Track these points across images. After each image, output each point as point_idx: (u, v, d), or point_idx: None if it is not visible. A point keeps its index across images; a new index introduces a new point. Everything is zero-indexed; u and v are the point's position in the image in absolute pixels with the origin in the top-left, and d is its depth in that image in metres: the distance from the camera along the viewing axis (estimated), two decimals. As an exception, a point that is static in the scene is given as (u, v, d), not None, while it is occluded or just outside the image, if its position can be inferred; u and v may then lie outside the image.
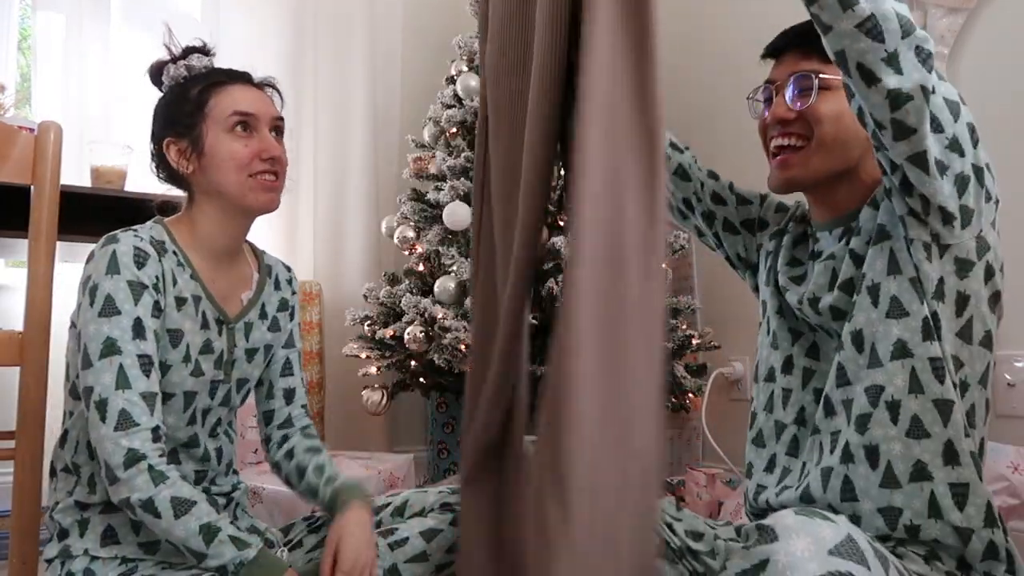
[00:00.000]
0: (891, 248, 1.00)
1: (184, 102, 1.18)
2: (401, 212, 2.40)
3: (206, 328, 1.18)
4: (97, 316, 1.07)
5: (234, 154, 1.15)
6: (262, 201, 1.18)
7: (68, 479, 1.14)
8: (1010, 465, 1.41)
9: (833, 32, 0.89)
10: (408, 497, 1.29)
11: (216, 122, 1.16)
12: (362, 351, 2.33)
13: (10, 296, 2.33)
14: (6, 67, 2.35)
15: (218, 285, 1.21)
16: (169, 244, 1.16)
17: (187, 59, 1.22)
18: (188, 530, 1.03)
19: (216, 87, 1.18)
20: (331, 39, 2.83)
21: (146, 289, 1.09)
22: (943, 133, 0.93)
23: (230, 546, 1.04)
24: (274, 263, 1.34)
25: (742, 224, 1.29)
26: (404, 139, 2.63)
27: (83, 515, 1.12)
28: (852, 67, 0.90)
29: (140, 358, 1.07)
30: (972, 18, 1.81)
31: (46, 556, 1.13)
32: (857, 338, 1.02)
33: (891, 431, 0.97)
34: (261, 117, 1.18)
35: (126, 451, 1.03)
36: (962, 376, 0.99)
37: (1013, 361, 1.69)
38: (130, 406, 1.05)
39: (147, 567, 1.11)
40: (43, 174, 1.27)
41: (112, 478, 1.03)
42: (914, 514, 0.95)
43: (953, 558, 0.95)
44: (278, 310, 1.31)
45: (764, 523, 0.79)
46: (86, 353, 1.06)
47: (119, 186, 2.05)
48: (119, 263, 1.08)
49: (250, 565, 1.04)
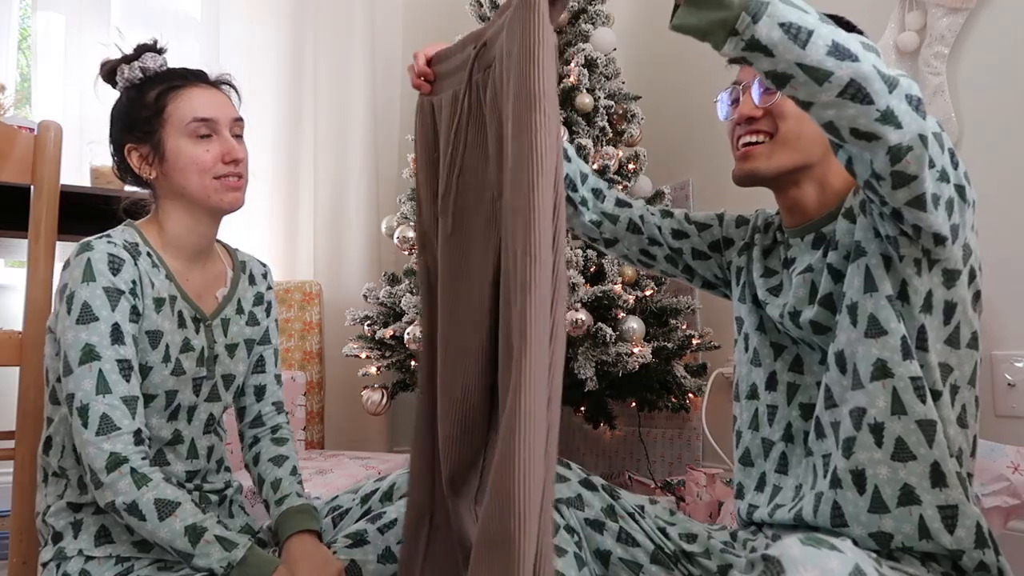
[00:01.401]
0: (867, 265, 1.00)
1: (141, 107, 1.17)
2: (401, 212, 2.40)
3: (183, 327, 1.19)
4: (75, 323, 1.07)
5: (196, 159, 1.16)
6: (227, 201, 1.19)
7: (58, 483, 1.14)
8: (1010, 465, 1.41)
9: (816, 106, 0.86)
10: (395, 480, 1.29)
11: (175, 127, 1.16)
12: (362, 351, 2.33)
13: (10, 296, 2.33)
14: (6, 67, 2.35)
15: (192, 284, 1.22)
16: (142, 246, 1.16)
17: (140, 59, 1.20)
18: (173, 531, 1.03)
19: (173, 91, 1.17)
20: (331, 40, 2.83)
21: (123, 294, 1.10)
22: (935, 168, 0.91)
23: (217, 547, 1.05)
24: (248, 259, 1.34)
25: (710, 247, 1.29)
26: (404, 139, 2.63)
27: (76, 516, 1.12)
28: (846, 134, 0.87)
29: (119, 363, 1.08)
30: (972, 18, 1.80)
31: (41, 560, 1.13)
32: (840, 359, 1.02)
33: (876, 455, 0.97)
34: (221, 120, 1.18)
35: (108, 455, 1.04)
36: (952, 380, 0.98)
37: (1013, 361, 1.69)
38: (111, 410, 1.05)
39: (142, 565, 1.11)
40: (43, 174, 1.27)
41: (96, 482, 1.04)
42: (905, 538, 0.95)
43: (948, 563, 0.96)
44: (254, 304, 1.31)
45: (770, 554, 0.77)
46: (66, 360, 1.07)
47: (119, 186, 2.05)
48: (94, 270, 1.09)
49: (239, 566, 1.05)
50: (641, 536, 1.10)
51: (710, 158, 2.54)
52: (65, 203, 1.31)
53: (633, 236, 1.30)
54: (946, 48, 1.83)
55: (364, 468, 2.02)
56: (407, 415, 2.85)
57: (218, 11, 2.62)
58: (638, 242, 1.31)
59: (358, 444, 2.65)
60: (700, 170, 2.58)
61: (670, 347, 2.15)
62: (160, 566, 1.12)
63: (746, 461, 1.16)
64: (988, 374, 1.71)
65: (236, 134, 1.21)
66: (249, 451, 1.31)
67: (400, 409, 2.73)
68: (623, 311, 2.05)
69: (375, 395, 2.32)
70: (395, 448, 2.78)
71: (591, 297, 2.01)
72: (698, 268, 1.31)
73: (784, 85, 0.85)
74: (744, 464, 1.16)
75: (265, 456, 1.29)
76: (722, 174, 1.23)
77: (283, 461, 1.28)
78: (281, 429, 1.34)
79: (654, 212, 1.31)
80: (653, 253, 1.31)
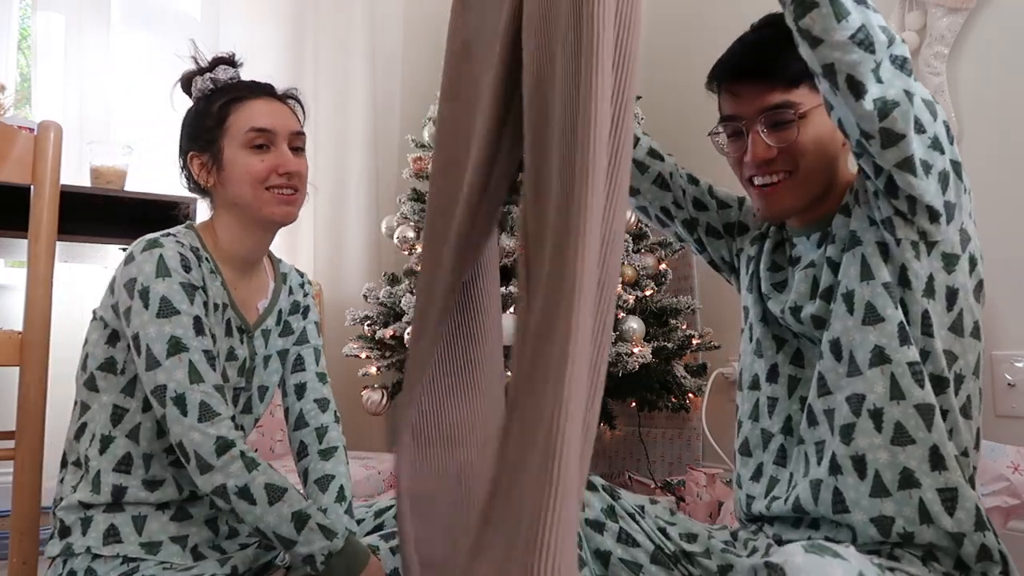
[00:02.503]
0: (863, 254, 1.00)
1: (206, 117, 1.21)
2: (401, 212, 2.40)
3: (230, 335, 1.20)
4: (156, 317, 1.08)
5: (250, 168, 1.18)
6: (279, 214, 1.20)
7: (76, 474, 1.15)
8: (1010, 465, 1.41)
9: (824, 44, 0.88)
10: None
11: (234, 137, 1.19)
12: (362, 351, 2.33)
13: (10, 296, 2.33)
14: (6, 67, 2.35)
15: (239, 293, 1.24)
16: (202, 251, 1.18)
17: (214, 71, 1.24)
18: (281, 516, 1.04)
19: (236, 103, 1.20)
20: (331, 39, 2.83)
21: (197, 290, 1.12)
22: (925, 133, 0.93)
23: (319, 535, 1.05)
24: (288, 270, 1.36)
25: (724, 228, 1.27)
26: (404, 139, 2.63)
27: (86, 513, 1.12)
28: (841, 80, 0.89)
29: (205, 353, 1.10)
30: (972, 18, 1.81)
31: (48, 554, 1.13)
32: (835, 347, 1.02)
33: (876, 440, 0.97)
34: (279, 132, 1.20)
35: (215, 439, 1.05)
36: (957, 369, 0.99)
37: (1013, 361, 1.69)
38: (207, 398, 1.07)
39: (148, 567, 1.11)
40: (43, 174, 1.27)
41: (204, 467, 1.04)
42: (906, 521, 0.95)
43: (950, 558, 0.95)
44: (289, 313, 1.33)
45: (773, 561, 0.77)
46: (150, 354, 1.08)
47: (119, 186, 2.05)
48: (168, 267, 1.10)
49: (338, 555, 1.06)
50: (641, 536, 1.10)
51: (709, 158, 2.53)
52: (65, 203, 1.31)
53: (659, 191, 1.27)
54: (946, 48, 1.83)
55: (364, 468, 2.02)
56: (407, 415, 2.85)
57: (218, 11, 2.62)
58: (662, 199, 1.28)
59: (358, 444, 2.65)
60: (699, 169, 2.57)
61: (670, 347, 2.15)
62: (166, 567, 1.12)
63: (745, 451, 1.16)
64: (988, 374, 1.71)
65: (296, 147, 1.23)
66: (299, 462, 1.29)
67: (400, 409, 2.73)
68: (623, 311, 2.05)
69: (375, 395, 2.32)
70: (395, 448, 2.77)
71: (591, 297, 2.01)
72: (709, 245, 1.29)
73: (806, 14, 0.87)
74: (743, 454, 1.17)
75: (312, 476, 1.26)
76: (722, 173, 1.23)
77: (328, 483, 1.25)
78: (328, 433, 1.30)
79: (683, 174, 1.28)
80: (673, 214, 1.28)
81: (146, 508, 1.14)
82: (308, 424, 1.30)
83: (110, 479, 1.12)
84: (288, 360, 1.32)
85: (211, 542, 1.19)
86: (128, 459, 1.13)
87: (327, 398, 1.33)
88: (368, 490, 1.97)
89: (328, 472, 1.26)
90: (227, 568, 1.15)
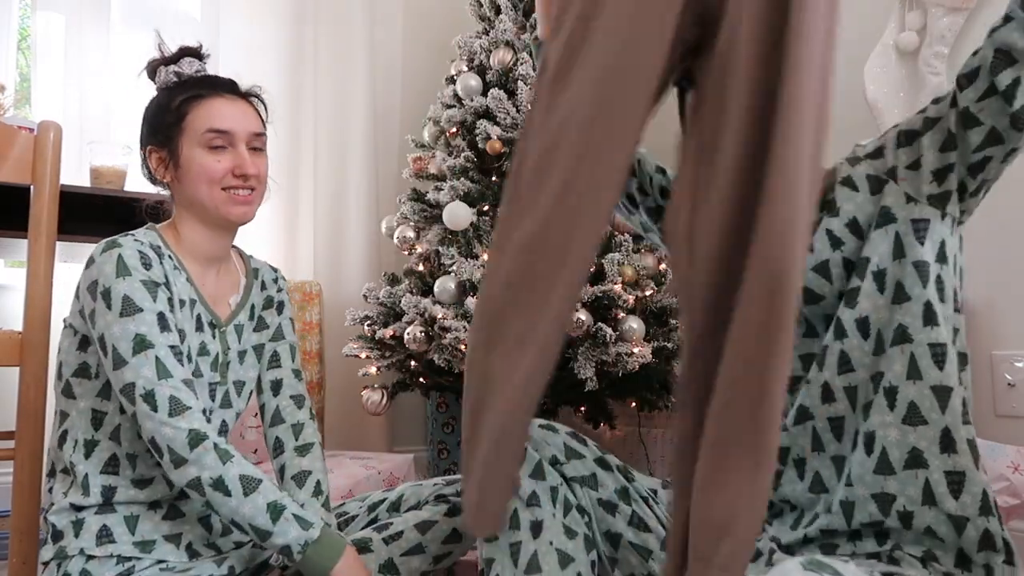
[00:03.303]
0: (896, 232, 0.99)
1: (166, 112, 1.19)
2: (401, 212, 2.40)
3: (201, 331, 1.19)
4: (119, 317, 1.07)
5: (206, 169, 1.17)
6: (235, 214, 1.19)
7: (65, 480, 1.15)
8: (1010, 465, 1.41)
9: None
10: (403, 491, 1.29)
11: (192, 136, 1.17)
12: (362, 351, 2.33)
13: (10, 296, 2.33)
14: (6, 67, 2.35)
15: (208, 289, 1.23)
16: (164, 248, 1.17)
17: (179, 63, 1.22)
18: (256, 507, 1.04)
19: (196, 100, 1.19)
20: (331, 39, 2.83)
21: (159, 286, 1.11)
22: None
23: (295, 525, 1.05)
24: (260, 266, 1.35)
25: None
26: (404, 139, 2.62)
27: (78, 516, 1.12)
28: None
29: (172, 348, 1.09)
30: (972, 18, 1.81)
31: (42, 559, 1.13)
32: (863, 325, 1.01)
33: (887, 417, 0.96)
34: (237, 133, 1.19)
35: (187, 432, 1.04)
36: (959, 346, 0.99)
37: (1013, 361, 1.69)
38: (176, 392, 1.06)
39: (143, 566, 1.11)
40: (43, 174, 1.27)
41: (178, 461, 1.04)
42: (908, 501, 0.94)
43: (951, 553, 0.94)
44: (263, 308, 1.32)
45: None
46: (116, 353, 1.07)
47: (119, 186, 2.05)
48: (127, 265, 1.09)
49: (314, 544, 1.05)
50: (653, 522, 1.09)
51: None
52: (65, 203, 1.31)
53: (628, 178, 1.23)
54: (946, 48, 1.83)
55: (364, 468, 2.02)
56: (407, 415, 2.85)
57: (218, 11, 2.62)
58: (627, 184, 1.24)
59: (358, 444, 2.65)
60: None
61: (670, 347, 2.15)
62: (162, 567, 1.12)
63: None
64: (988, 374, 1.71)
65: (254, 148, 1.22)
66: (275, 459, 1.29)
67: (400, 409, 2.73)
68: (623, 311, 2.05)
69: (375, 395, 2.32)
70: (395, 448, 2.78)
71: (591, 297, 2.01)
72: None
73: None
74: None
75: (288, 472, 1.26)
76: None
77: (305, 478, 1.24)
78: (304, 430, 1.29)
79: (651, 162, 1.25)
80: (638, 201, 1.25)
81: (138, 507, 1.14)
82: (284, 420, 1.29)
83: (99, 481, 1.12)
84: (264, 356, 1.31)
85: (205, 539, 1.19)
86: (114, 460, 1.13)
87: (303, 395, 1.32)
88: (368, 490, 1.97)
89: (305, 468, 1.25)
90: (224, 568, 1.15)
